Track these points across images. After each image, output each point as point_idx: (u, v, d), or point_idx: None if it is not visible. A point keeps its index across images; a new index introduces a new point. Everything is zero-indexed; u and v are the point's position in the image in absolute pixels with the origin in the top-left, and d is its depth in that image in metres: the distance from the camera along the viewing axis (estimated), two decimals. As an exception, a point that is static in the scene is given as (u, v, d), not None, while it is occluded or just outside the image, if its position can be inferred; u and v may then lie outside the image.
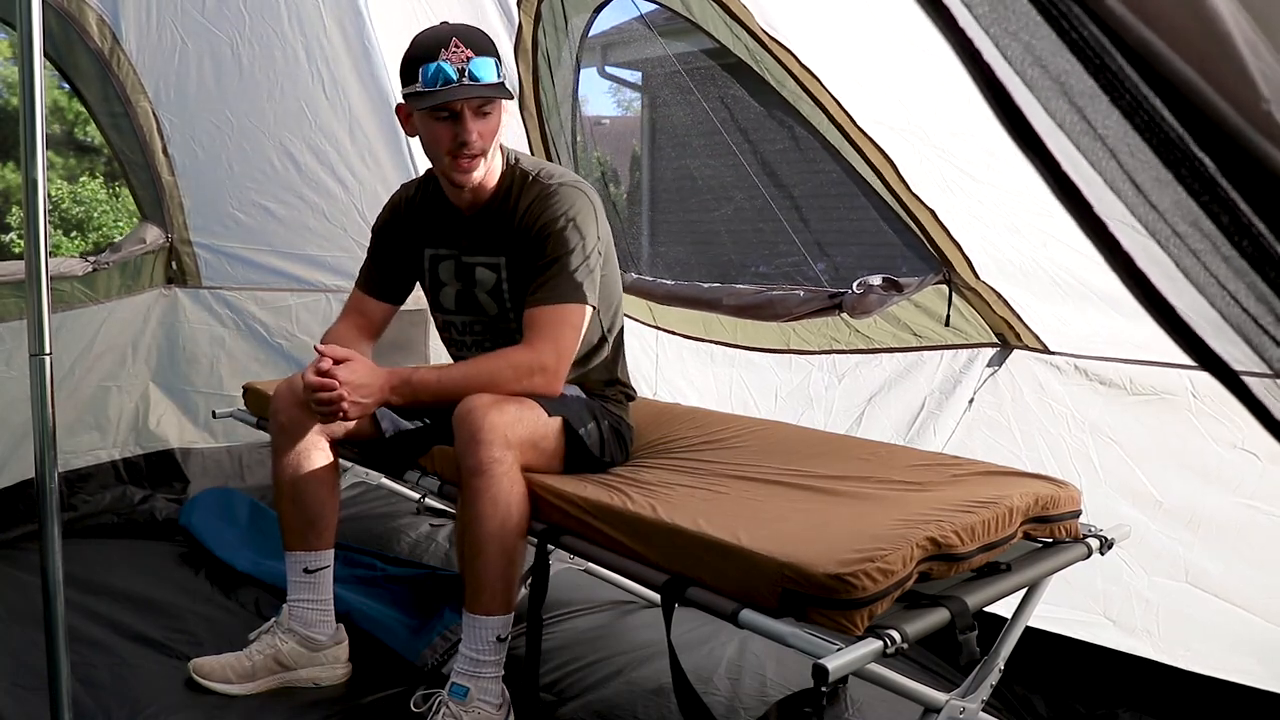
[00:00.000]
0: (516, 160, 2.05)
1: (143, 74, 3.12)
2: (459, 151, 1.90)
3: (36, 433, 1.48)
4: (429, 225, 2.11)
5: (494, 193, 2.01)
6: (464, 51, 1.84)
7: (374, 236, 2.22)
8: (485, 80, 1.85)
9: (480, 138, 1.89)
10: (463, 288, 2.09)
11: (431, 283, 2.16)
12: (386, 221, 2.20)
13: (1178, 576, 2.01)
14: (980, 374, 2.39)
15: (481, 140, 1.90)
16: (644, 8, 2.75)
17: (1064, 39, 0.52)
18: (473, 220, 2.04)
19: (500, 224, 2.00)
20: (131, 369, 3.28)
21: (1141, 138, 0.53)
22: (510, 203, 2.00)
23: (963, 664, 1.51)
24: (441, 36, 1.86)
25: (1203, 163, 0.51)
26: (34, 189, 1.42)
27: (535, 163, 2.06)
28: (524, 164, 2.04)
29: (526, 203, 1.97)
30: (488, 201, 2.02)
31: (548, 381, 1.89)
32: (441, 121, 1.89)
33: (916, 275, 2.43)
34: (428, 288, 2.18)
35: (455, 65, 1.83)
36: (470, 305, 2.10)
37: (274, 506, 2.17)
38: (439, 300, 2.16)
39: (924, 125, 2.04)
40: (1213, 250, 0.56)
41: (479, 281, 2.06)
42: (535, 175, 2.01)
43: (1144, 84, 0.50)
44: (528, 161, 2.05)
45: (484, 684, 1.81)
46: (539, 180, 1.99)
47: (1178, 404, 2.00)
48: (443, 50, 1.84)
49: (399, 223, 2.17)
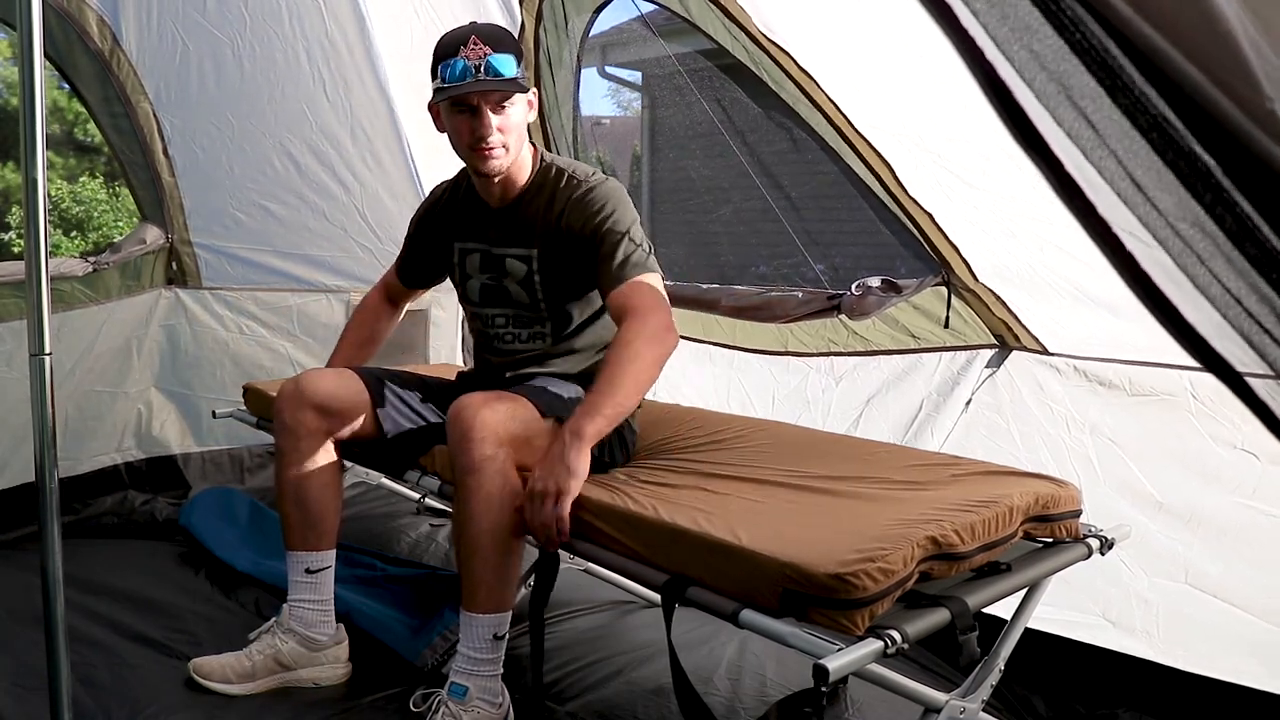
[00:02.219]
0: (550, 160, 2.10)
1: (143, 75, 3.12)
2: (477, 144, 1.95)
3: (36, 433, 1.48)
4: (460, 220, 2.18)
5: (526, 187, 2.06)
6: (481, 48, 1.90)
7: (412, 226, 2.36)
8: (503, 75, 1.91)
9: (499, 131, 1.94)
10: (489, 279, 2.13)
11: (460, 276, 2.21)
12: (424, 215, 2.31)
13: (1177, 577, 2.01)
14: (979, 375, 2.39)
15: (500, 134, 1.95)
16: (644, 8, 2.75)
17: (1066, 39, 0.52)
18: (503, 213, 2.09)
19: (533, 217, 2.05)
20: (132, 370, 3.28)
21: (1144, 138, 0.53)
22: (545, 197, 2.04)
23: (963, 664, 1.51)
24: (463, 34, 1.93)
25: (1205, 163, 0.51)
26: (34, 189, 1.42)
27: (568, 162, 2.11)
28: (557, 162, 2.09)
29: (565, 198, 2.01)
30: (519, 195, 2.07)
31: (674, 338, 1.89)
32: (461, 115, 1.95)
33: (915, 277, 2.43)
34: (457, 281, 2.24)
35: (473, 61, 1.89)
36: (498, 297, 2.13)
37: (275, 506, 2.17)
38: (467, 293, 2.21)
39: (920, 131, 2.04)
40: (1215, 250, 0.56)
41: (510, 272, 2.09)
42: (570, 173, 2.05)
43: (1146, 84, 0.50)
44: (561, 161, 2.10)
45: (483, 683, 1.82)
46: (575, 178, 2.04)
47: (1177, 405, 2.00)
48: (462, 47, 1.91)
49: (434, 216, 2.26)
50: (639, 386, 1.82)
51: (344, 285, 3.53)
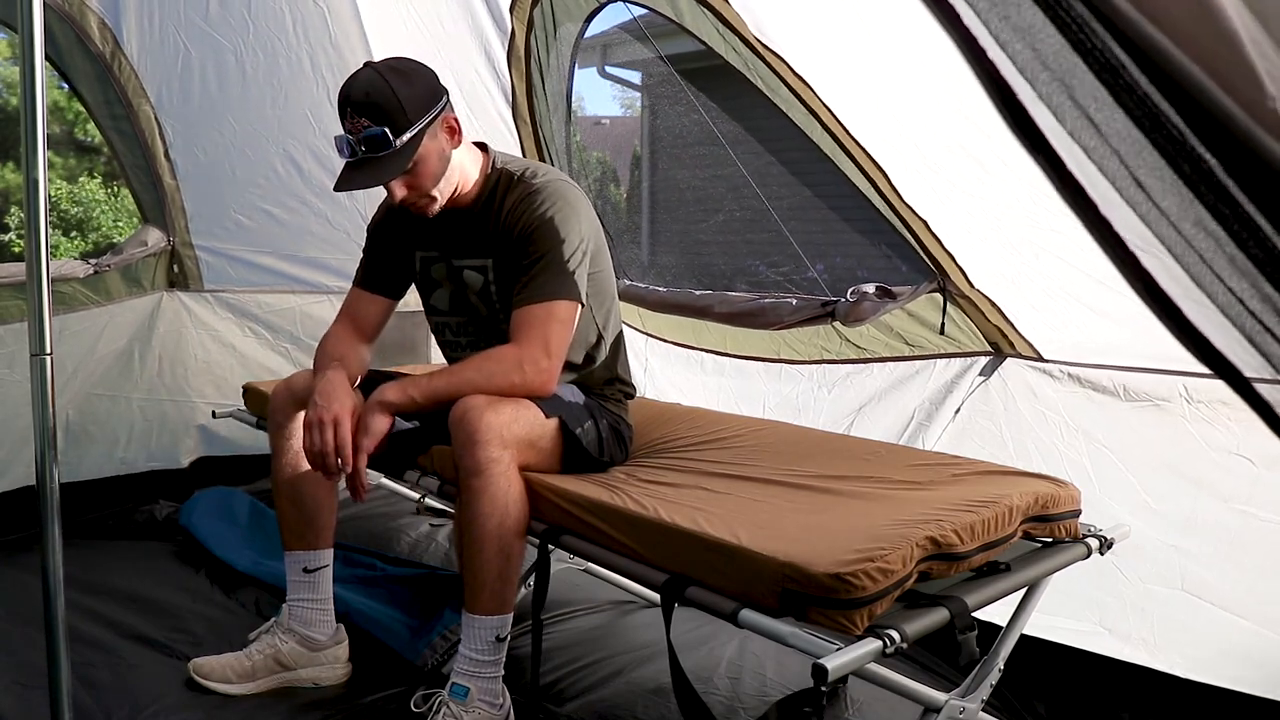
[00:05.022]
0: (502, 162, 2.04)
1: (145, 79, 3.13)
2: (402, 205, 1.92)
3: (37, 433, 1.48)
4: (419, 227, 2.09)
5: (476, 196, 2.01)
6: (359, 121, 1.80)
7: (369, 235, 2.22)
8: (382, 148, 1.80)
9: (412, 190, 1.89)
10: (455, 288, 2.10)
11: (424, 284, 2.16)
12: (380, 221, 2.20)
13: (1173, 583, 2.01)
14: (972, 382, 2.39)
15: (415, 192, 1.90)
16: (638, 13, 2.73)
17: (1069, 38, 0.52)
18: (458, 223, 2.04)
19: (485, 226, 2.00)
20: (133, 372, 3.28)
21: (1146, 137, 0.53)
22: (495, 204, 1.99)
23: (963, 664, 1.51)
24: (345, 97, 1.82)
25: (1208, 162, 0.51)
26: (34, 189, 1.43)
27: (523, 163, 2.05)
28: (510, 165, 2.03)
29: (510, 203, 1.97)
30: (470, 205, 2.02)
31: (540, 379, 1.88)
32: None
33: (910, 284, 2.42)
34: (420, 289, 2.18)
35: (354, 136, 1.81)
36: (463, 306, 2.10)
37: (273, 506, 2.17)
38: (431, 302, 2.16)
39: (916, 137, 2.04)
40: (1217, 250, 0.56)
41: (468, 284, 2.06)
42: (520, 175, 2.00)
43: (1149, 83, 0.50)
44: (515, 163, 2.04)
45: (484, 684, 1.82)
46: (523, 180, 1.99)
47: (1171, 410, 2.00)
48: (344, 118, 1.83)
49: (392, 222, 2.16)
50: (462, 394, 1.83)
51: (346, 287, 3.52)
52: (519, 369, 1.86)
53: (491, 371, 1.87)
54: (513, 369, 1.86)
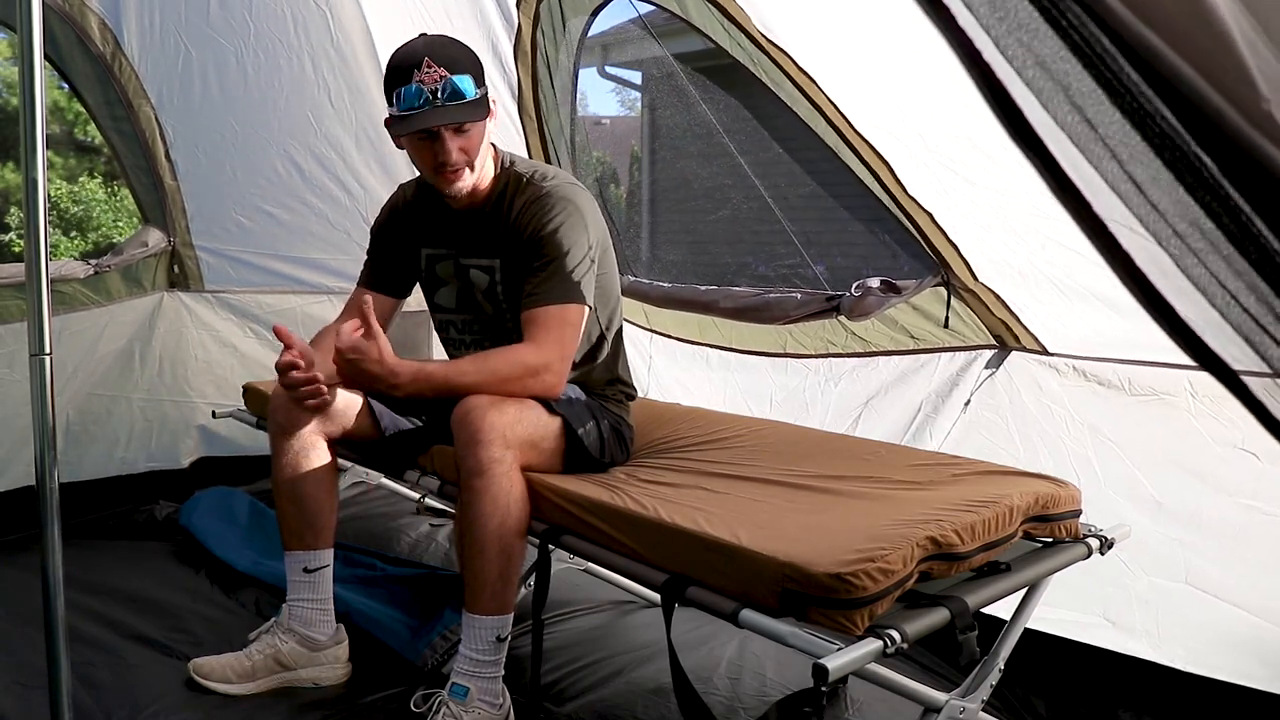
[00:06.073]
0: (512, 163, 2.05)
1: (145, 80, 3.13)
2: (441, 169, 1.91)
3: (37, 433, 1.48)
4: (426, 225, 2.12)
5: (487, 195, 2.02)
6: (436, 71, 1.83)
7: (373, 237, 2.23)
8: (461, 97, 1.84)
9: (461, 153, 1.89)
10: (462, 286, 2.10)
11: (429, 282, 2.16)
12: (384, 222, 2.21)
13: (1177, 578, 2.01)
14: (978, 376, 2.39)
15: (464, 155, 1.90)
16: (642, 9, 2.74)
17: (1064, 39, 0.52)
18: (467, 222, 2.05)
19: (494, 226, 2.01)
20: (133, 372, 3.28)
21: (1141, 137, 0.53)
22: (504, 205, 2.00)
23: (963, 664, 1.51)
24: (415, 55, 1.85)
25: (1203, 162, 0.51)
26: (34, 189, 1.43)
27: (530, 165, 2.06)
28: (519, 166, 2.04)
29: (520, 205, 1.98)
30: (481, 204, 2.02)
31: (553, 381, 1.88)
32: (422, 141, 1.90)
33: (914, 278, 2.43)
34: (425, 287, 2.18)
35: (429, 86, 1.83)
36: (469, 304, 2.10)
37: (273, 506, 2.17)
38: (436, 300, 2.16)
39: (921, 129, 2.03)
40: (1212, 250, 0.56)
41: (474, 283, 2.06)
42: (530, 177, 2.01)
43: (1144, 83, 0.50)
44: (523, 164, 2.06)
45: (484, 684, 1.82)
46: (533, 183, 1.99)
47: (1177, 404, 2.00)
48: (416, 71, 1.83)
49: (397, 222, 2.18)
50: (476, 389, 1.83)
51: (347, 287, 3.51)
52: (535, 370, 1.86)
53: (508, 369, 1.86)
54: (529, 369, 1.86)
